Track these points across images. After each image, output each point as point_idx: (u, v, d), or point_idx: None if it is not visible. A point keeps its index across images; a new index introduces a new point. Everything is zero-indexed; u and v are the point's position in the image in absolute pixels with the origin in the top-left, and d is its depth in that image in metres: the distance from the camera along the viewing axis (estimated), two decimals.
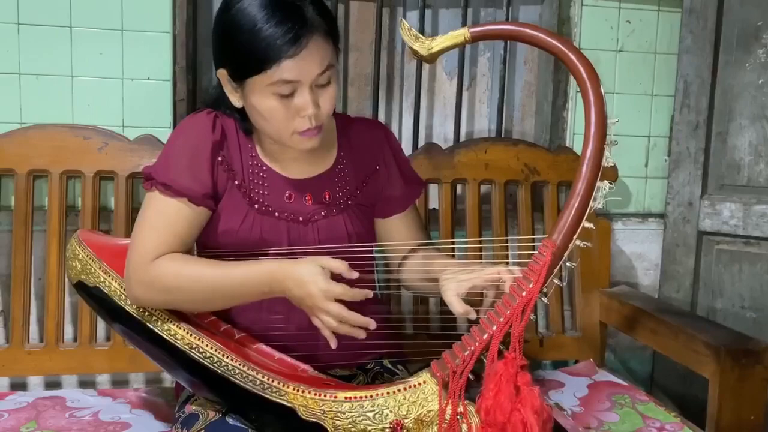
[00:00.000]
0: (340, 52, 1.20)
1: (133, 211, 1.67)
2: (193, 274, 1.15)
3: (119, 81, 1.74)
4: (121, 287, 1.21)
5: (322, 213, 1.27)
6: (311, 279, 1.10)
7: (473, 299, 1.16)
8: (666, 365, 2.02)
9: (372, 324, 1.11)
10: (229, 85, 1.19)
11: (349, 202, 1.31)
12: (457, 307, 1.12)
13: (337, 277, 1.10)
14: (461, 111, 2.01)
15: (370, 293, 1.11)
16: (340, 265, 1.10)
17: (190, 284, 1.15)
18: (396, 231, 1.38)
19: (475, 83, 2.12)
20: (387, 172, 1.36)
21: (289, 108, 1.14)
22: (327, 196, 1.29)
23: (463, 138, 2.04)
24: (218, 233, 1.23)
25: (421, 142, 1.97)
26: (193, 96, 1.86)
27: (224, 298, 1.17)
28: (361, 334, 1.11)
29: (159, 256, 1.16)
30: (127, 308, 1.21)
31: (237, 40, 1.12)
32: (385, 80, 2.05)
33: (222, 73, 1.18)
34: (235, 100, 1.20)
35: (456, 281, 1.15)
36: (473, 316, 1.10)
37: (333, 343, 1.12)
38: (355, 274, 1.10)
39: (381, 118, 2.04)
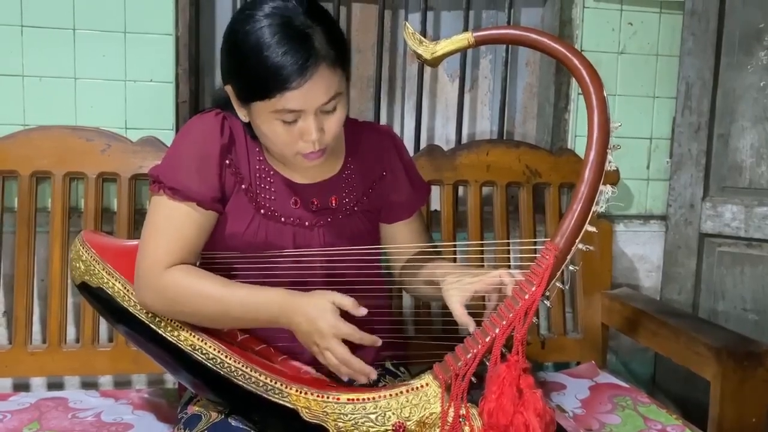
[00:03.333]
0: (350, 78, 1.20)
1: (135, 212, 1.68)
2: (204, 290, 1.15)
3: (122, 83, 1.74)
4: (125, 288, 1.22)
5: (328, 218, 1.28)
6: (321, 315, 1.10)
7: (475, 303, 1.16)
8: (668, 367, 2.02)
9: (373, 375, 1.12)
10: (236, 101, 1.18)
11: (356, 208, 1.31)
12: (461, 316, 1.12)
13: (344, 314, 1.12)
14: (463, 113, 2.01)
15: (379, 341, 1.12)
16: (348, 303, 1.11)
17: (199, 300, 1.15)
18: (400, 236, 1.38)
19: (477, 85, 2.12)
20: (394, 179, 1.37)
21: (293, 132, 1.14)
22: (333, 202, 1.29)
23: (464, 140, 2.04)
24: (224, 236, 1.24)
25: (423, 144, 1.97)
26: (196, 98, 1.86)
27: (230, 319, 1.17)
28: (362, 380, 1.13)
29: (172, 263, 1.16)
30: (131, 309, 1.21)
31: (243, 63, 1.11)
32: (387, 82, 2.05)
33: (228, 89, 1.18)
34: (242, 115, 1.20)
35: (459, 287, 1.15)
36: (472, 329, 1.10)
37: (344, 377, 1.14)
38: (362, 311, 1.11)
39: (383, 119, 2.04)
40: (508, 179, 1.83)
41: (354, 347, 1.13)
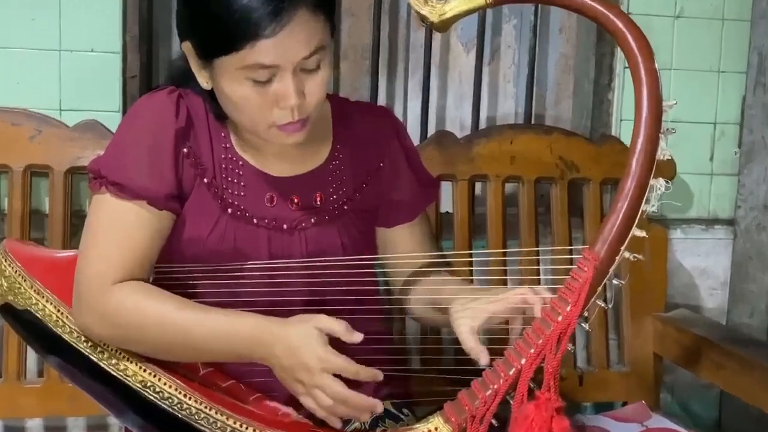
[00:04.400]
0: (336, 28, 1.20)
1: (72, 215, 1.67)
2: (159, 314, 1.15)
3: (56, 53, 1.74)
4: (58, 311, 1.22)
5: (312, 220, 1.28)
6: (305, 344, 1.10)
7: (495, 327, 1.16)
8: (737, 408, 2.02)
9: (379, 407, 1.12)
10: (195, 61, 1.19)
11: (346, 207, 1.31)
12: (471, 345, 1.12)
13: (333, 341, 1.11)
14: (481, 91, 2.01)
15: (380, 375, 1.11)
16: (339, 328, 1.11)
17: (153, 327, 1.15)
18: (401, 244, 1.38)
19: (499, 57, 2.12)
20: (393, 171, 1.37)
21: (267, 96, 1.14)
22: (318, 199, 1.29)
23: (483, 125, 2.04)
24: (182, 242, 1.24)
25: (431, 130, 1.97)
26: (148, 72, 1.86)
27: (191, 352, 1.18)
28: (365, 418, 1.12)
29: (119, 278, 1.16)
30: (66, 337, 1.21)
31: (204, 9, 1.12)
32: (386, 53, 2.05)
33: (187, 47, 1.18)
34: (203, 81, 1.20)
35: (470, 312, 1.14)
36: (484, 361, 1.10)
37: (337, 424, 1.13)
38: (357, 337, 1.10)
39: (381, 99, 2.04)
40: (538, 174, 1.83)
41: (347, 384, 1.12)
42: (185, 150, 1.23)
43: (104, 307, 1.16)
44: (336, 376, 1.11)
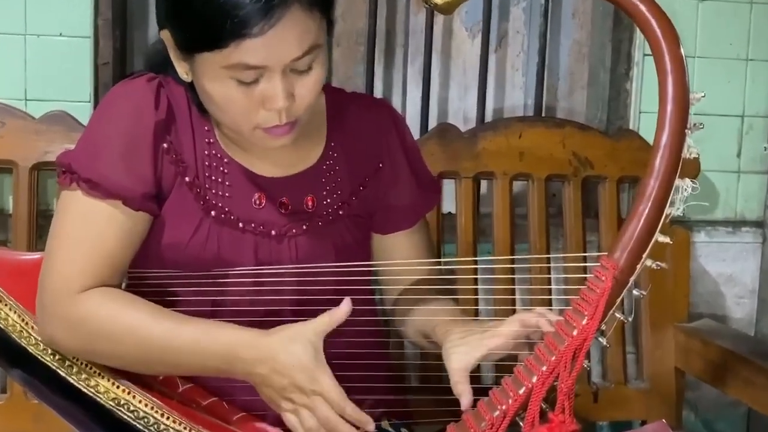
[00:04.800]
0: (334, 23, 1.19)
1: (38, 214, 1.67)
2: (132, 324, 1.14)
3: (20, 38, 1.74)
4: (22, 320, 1.21)
5: (303, 226, 1.27)
6: (299, 362, 1.09)
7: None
8: (766, 427, 2.02)
9: (370, 426, 1.11)
10: (174, 52, 1.18)
11: (341, 213, 1.31)
12: (459, 387, 1.11)
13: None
14: (487, 81, 2.01)
15: (371, 425, 1.11)
16: (326, 325, 1.10)
17: (124, 337, 1.14)
18: (397, 253, 1.38)
19: (507, 43, 2.12)
20: (393, 173, 1.36)
21: (252, 97, 1.13)
22: (310, 203, 1.29)
23: (489, 117, 2.04)
24: (160, 247, 1.23)
25: (432, 123, 1.96)
26: (122, 59, 1.86)
27: (165, 364, 1.17)
28: None
29: (88, 285, 1.15)
30: (31, 349, 1.20)
31: (187, 1, 1.11)
32: (383, 38, 2.05)
33: (165, 35, 1.17)
34: (182, 72, 1.19)
35: (465, 348, 1.14)
36: (465, 403, 1.10)
37: None
38: (345, 308, 1.10)
39: (378, 89, 2.04)
40: (549, 171, 1.83)
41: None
42: (165, 145, 1.22)
43: (71, 317, 1.15)
44: None
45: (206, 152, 1.25)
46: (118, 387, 1.17)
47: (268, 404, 1.15)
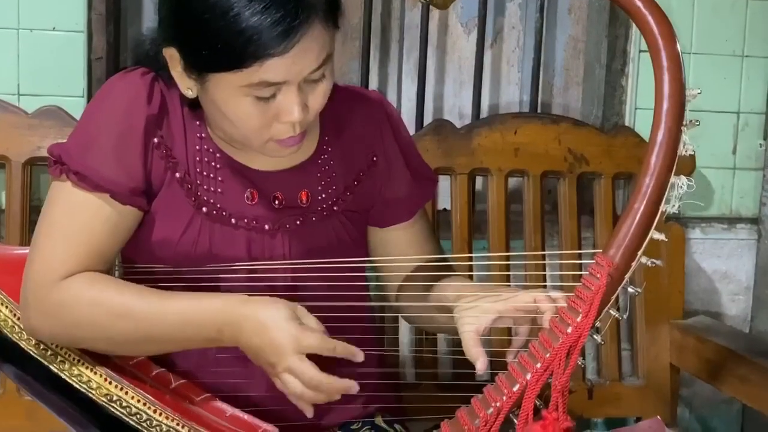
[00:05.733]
0: (340, 29, 1.19)
1: (31, 210, 1.67)
2: (115, 304, 1.14)
3: (14, 32, 1.73)
4: (14, 315, 1.21)
5: (297, 221, 1.27)
6: (278, 324, 1.09)
7: (497, 340, 1.15)
8: (760, 425, 2.02)
9: (354, 387, 1.10)
10: (180, 70, 1.16)
11: (335, 208, 1.30)
12: (471, 347, 1.11)
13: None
14: (483, 76, 2.00)
15: (360, 355, 1.10)
16: (315, 337, 1.09)
17: (108, 318, 1.14)
18: (397, 246, 1.38)
19: (502, 38, 2.11)
20: (388, 166, 1.36)
21: (268, 112, 1.13)
22: (304, 198, 1.29)
23: (484, 113, 2.04)
24: (151, 243, 1.23)
25: (428, 119, 1.96)
26: (116, 54, 1.85)
27: (154, 341, 1.17)
28: (335, 397, 1.10)
29: (69, 274, 1.15)
30: (23, 344, 1.20)
31: (202, 23, 1.09)
32: (378, 33, 2.05)
33: (171, 54, 1.16)
34: (186, 89, 1.18)
35: (476, 312, 1.14)
36: (481, 368, 1.09)
37: (309, 413, 1.12)
38: (359, 356, 1.09)
39: (373, 85, 2.04)
40: (544, 167, 1.83)
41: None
42: (156, 140, 1.22)
43: (52, 304, 1.15)
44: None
45: (198, 147, 1.25)
46: (110, 383, 1.17)
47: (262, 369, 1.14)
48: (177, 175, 1.23)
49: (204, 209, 1.23)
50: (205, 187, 1.24)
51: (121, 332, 1.15)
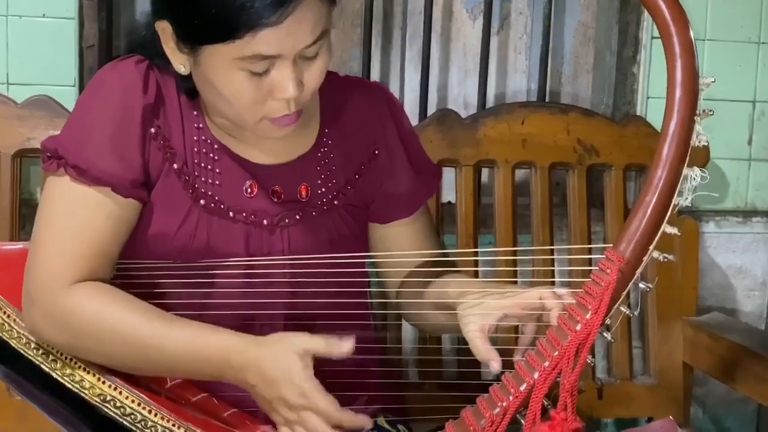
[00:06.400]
0: (336, 5, 1.20)
1: (21, 204, 1.67)
2: (120, 324, 1.14)
3: (2, 19, 1.74)
4: (4, 313, 1.21)
5: (296, 216, 1.27)
6: (285, 377, 1.09)
7: (503, 332, 1.15)
8: None
9: (368, 423, 1.11)
10: (173, 44, 1.17)
11: (336, 202, 1.31)
12: (480, 347, 1.11)
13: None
14: (489, 64, 2.01)
15: (368, 424, 1.11)
16: (320, 347, 1.09)
17: (111, 335, 1.14)
18: (399, 242, 1.38)
19: (509, 24, 2.12)
20: (389, 159, 1.37)
21: (261, 88, 1.14)
22: (304, 192, 1.29)
23: (490, 103, 2.04)
24: (147, 237, 1.23)
25: (432, 109, 1.97)
26: (108, 41, 1.85)
27: (152, 366, 1.17)
28: None
29: (78, 277, 1.15)
30: (13, 343, 1.20)
31: None
32: (380, 19, 2.05)
33: (163, 28, 1.16)
34: (179, 64, 1.19)
35: (481, 310, 1.14)
36: (496, 367, 1.09)
37: None
38: (345, 347, 1.09)
39: (375, 74, 2.04)
40: (553, 159, 1.83)
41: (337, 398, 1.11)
42: (153, 130, 1.22)
43: (59, 310, 1.15)
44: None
45: (195, 138, 1.25)
46: (104, 383, 1.17)
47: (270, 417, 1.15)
48: (175, 166, 1.23)
49: (202, 202, 1.23)
50: (203, 179, 1.24)
51: (121, 352, 1.16)
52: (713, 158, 1.99)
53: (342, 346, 1.10)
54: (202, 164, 1.25)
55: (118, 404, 1.15)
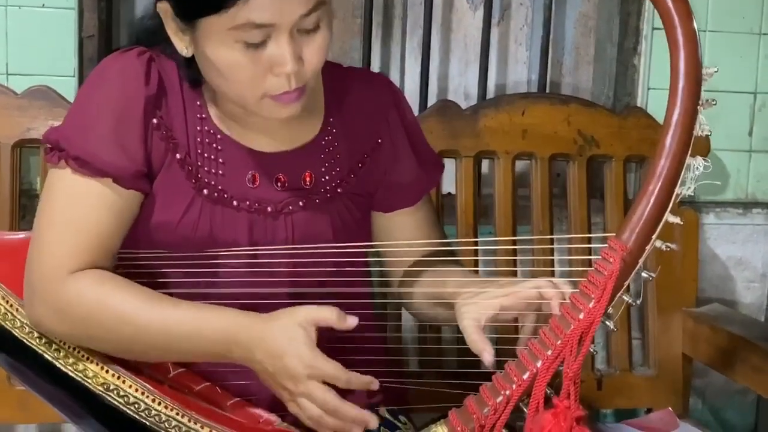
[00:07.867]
0: None
1: (21, 194, 1.67)
2: (123, 309, 1.15)
3: (1, 9, 1.73)
4: (6, 302, 1.22)
5: (300, 203, 1.28)
6: (290, 348, 1.10)
7: (504, 324, 1.16)
8: None
9: (373, 422, 1.12)
10: (174, 24, 1.18)
11: (339, 190, 1.31)
12: (476, 340, 1.11)
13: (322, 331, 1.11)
14: (489, 55, 2.01)
15: (375, 383, 1.12)
16: (328, 315, 1.11)
17: (114, 323, 1.15)
18: (401, 232, 1.39)
19: (510, 15, 2.11)
20: (393, 149, 1.37)
21: (259, 62, 1.13)
22: (308, 179, 1.29)
23: (491, 94, 2.04)
24: (150, 227, 1.23)
25: (432, 100, 1.97)
26: (108, 31, 1.85)
27: (158, 350, 1.18)
28: (356, 430, 1.12)
29: (80, 267, 1.16)
30: (16, 332, 1.21)
31: None
32: (380, 10, 2.05)
33: (163, 8, 1.17)
34: (182, 47, 1.19)
35: (477, 305, 1.14)
36: (488, 359, 1.10)
37: None
38: (351, 321, 1.11)
39: (375, 64, 2.04)
40: (553, 150, 1.84)
41: (337, 391, 1.12)
42: (155, 121, 1.22)
43: (61, 300, 1.15)
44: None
45: (198, 128, 1.25)
46: (107, 371, 1.17)
47: (272, 392, 1.16)
48: (177, 156, 1.23)
49: (205, 191, 1.24)
50: (206, 168, 1.25)
51: (126, 338, 1.16)
52: (714, 149, 1.99)
53: (347, 321, 1.11)
54: (205, 154, 1.25)
55: (122, 393, 1.16)
